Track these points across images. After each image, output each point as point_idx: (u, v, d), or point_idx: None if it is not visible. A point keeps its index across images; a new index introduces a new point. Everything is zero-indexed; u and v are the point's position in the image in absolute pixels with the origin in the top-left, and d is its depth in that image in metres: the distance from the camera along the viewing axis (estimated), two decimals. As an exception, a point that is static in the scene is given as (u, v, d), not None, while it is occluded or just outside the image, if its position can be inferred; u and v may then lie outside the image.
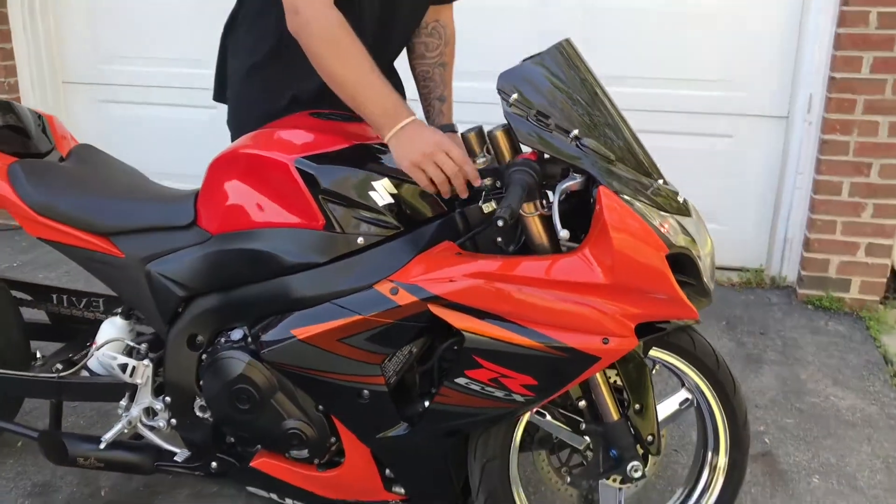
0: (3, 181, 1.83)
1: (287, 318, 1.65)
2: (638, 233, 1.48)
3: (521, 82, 1.53)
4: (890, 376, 2.76)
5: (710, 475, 1.84)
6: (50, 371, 1.98)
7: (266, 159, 1.66)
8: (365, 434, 1.70)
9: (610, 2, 3.34)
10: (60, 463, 1.91)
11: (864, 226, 3.14)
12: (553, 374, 1.55)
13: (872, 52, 2.96)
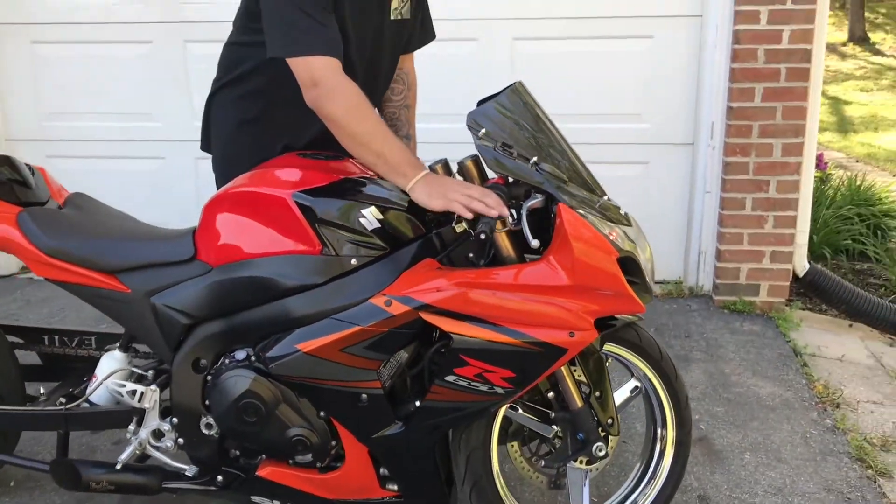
0: (13, 228, 1.98)
1: (290, 334, 1.85)
2: (593, 241, 1.76)
3: (486, 120, 1.81)
4: (800, 366, 3.13)
5: (661, 449, 2.11)
6: (54, 405, 2.11)
7: (265, 195, 1.88)
8: (364, 434, 1.90)
9: (536, 47, 3.70)
10: (73, 489, 2.04)
11: (767, 236, 3.54)
12: (528, 366, 1.80)
13: (762, 84, 3.39)
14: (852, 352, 3.32)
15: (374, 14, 2.04)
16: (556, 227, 1.77)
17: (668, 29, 3.62)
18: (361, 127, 1.82)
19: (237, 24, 2.14)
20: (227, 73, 2.17)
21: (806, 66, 3.35)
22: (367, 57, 2.06)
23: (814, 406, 2.83)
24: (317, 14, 1.84)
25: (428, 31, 2.30)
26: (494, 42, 3.71)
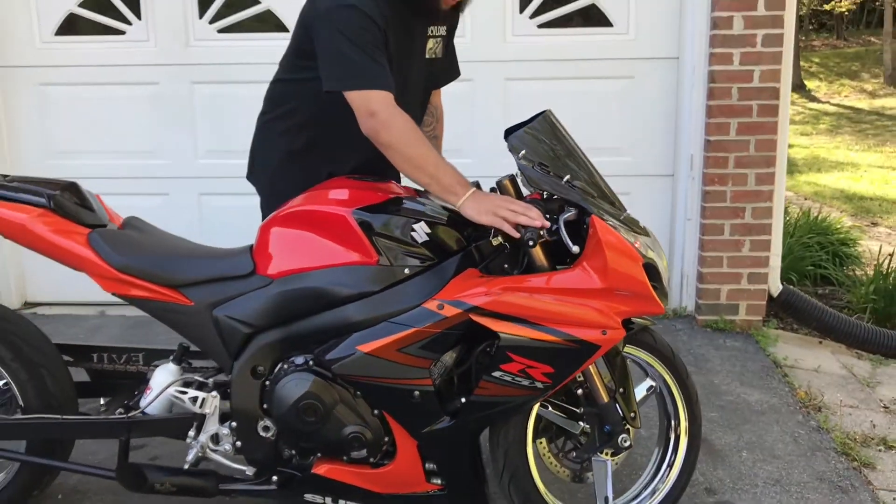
0: (86, 248, 2.13)
1: (349, 338, 2.03)
2: (622, 248, 1.99)
3: (523, 143, 2.05)
4: (782, 376, 3.39)
5: (675, 441, 2.33)
6: (112, 415, 2.25)
7: (325, 213, 2.07)
8: (415, 429, 2.08)
9: (526, 86, 3.98)
10: (139, 490, 2.16)
11: (744, 259, 3.83)
12: (566, 361, 2.00)
13: (737, 119, 3.70)
14: (826, 364, 3.60)
15: (414, 54, 2.27)
16: (590, 237, 1.99)
17: (647, 70, 3.94)
18: (416, 152, 2.04)
19: (284, 63, 2.34)
20: (275, 107, 2.36)
21: (775, 102, 3.68)
22: (404, 92, 2.29)
23: (798, 410, 3.09)
24: (373, 52, 2.06)
25: (454, 69, 2.53)
26: (488, 82, 3.98)
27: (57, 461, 2.31)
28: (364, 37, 2.05)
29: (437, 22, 2.29)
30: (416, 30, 2.24)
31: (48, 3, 4.02)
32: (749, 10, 3.60)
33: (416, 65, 2.29)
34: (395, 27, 2.13)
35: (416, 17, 2.21)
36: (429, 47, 2.32)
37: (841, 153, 13.75)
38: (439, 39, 2.35)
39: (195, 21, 4.01)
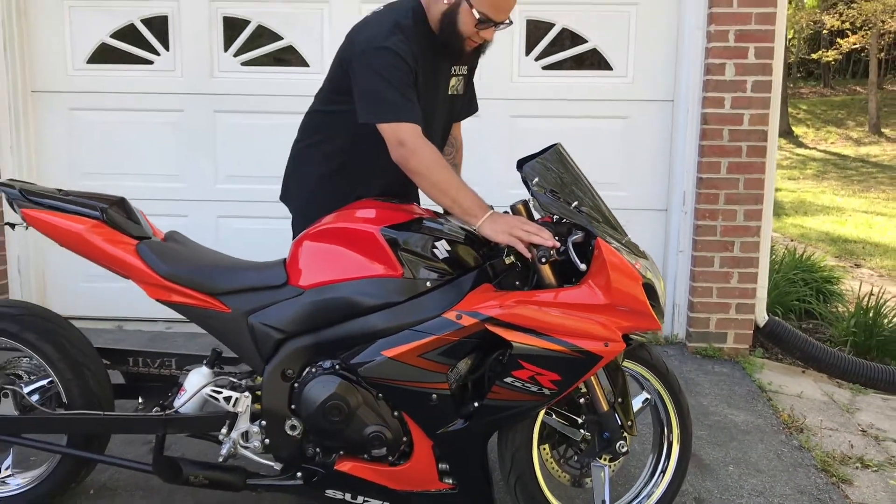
0: (135, 257, 2.34)
1: (374, 344, 2.23)
2: (624, 269, 2.20)
3: (536, 172, 2.27)
4: (766, 400, 3.59)
5: (668, 449, 2.52)
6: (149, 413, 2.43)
7: (355, 230, 2.28)
8: (431, 430, 2.27)
9: (531, 123, 4.24)
10: (174, 482, 2.33)
11: (732, 290, 4.05)
12: (571, 370, 2.20)
13: (727, 158, 3.96)
14: (808, 390, 3.81)
15: (439, 89, 2.50)
16: (595, 257, 2.20)
17: (644, 111, 4.21)
18: (440, 177, 2.26)
19: (321, 96, 2.57)
20: (310, 135, 2.59)
21: (763, 144, 3.93)
22: (429, 123, 2.52)
23: (781, 430, 3.29)
24: (404, 89, 2.29)
25: (473, 105, 2.77)
26: (496, 119, 4.22)
27: (94, 454, 2.48)
28: (396, 75, 2.29)
29: (459, 62, 2.54)
30: (441, 68, 2.48)
31: (82, 34, 4.27)
32: (740, 58, 3.88)
33: (440, 99, 2.52)
34: (424, 66, 2.37)
35: (442, 58, 2.45)
36: (451, 84, 2.56)
37: (827, 198, 14.11)
38: (461, 77, 2.58)
39: (220, 54, 4.26)
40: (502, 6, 2.33)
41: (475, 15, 2.31)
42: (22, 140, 4.27)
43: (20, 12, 4.21)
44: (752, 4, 3.84)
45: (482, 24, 2.33)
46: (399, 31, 2.33)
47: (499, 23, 2.36)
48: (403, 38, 2.31)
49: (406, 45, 2.31)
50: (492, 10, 2.31)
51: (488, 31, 2.38)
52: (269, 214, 4.27)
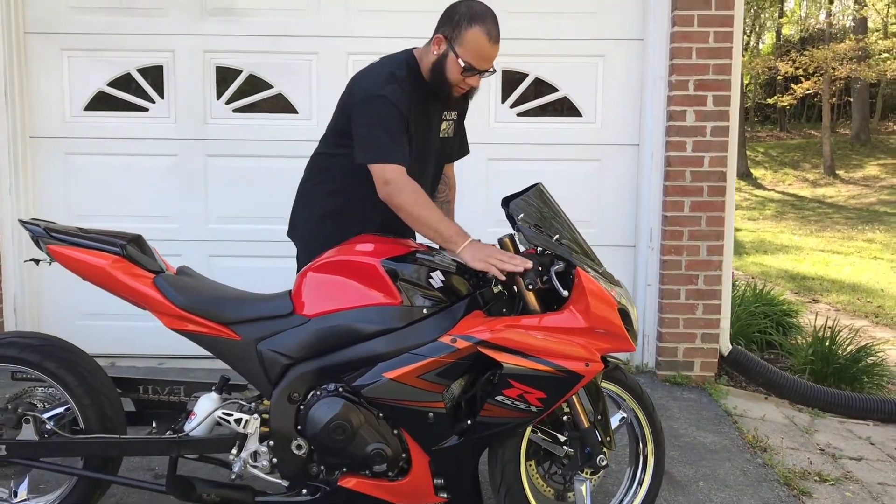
0: (153, 290, 2.52)
1: (375, 367, 2.43)
2: (602, 296, 2.44)
3: (521, 209, 2.51)
4: (732, 423, 3.84)
5: (643, 462, 2.74)
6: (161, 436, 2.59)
7: (357, 262, 2.50)
8: (428, 446, 2.46)
9: (507, 166, 4.52)
10: (187, 499, 2.49)
11: (698, 320, 4.32)
12: (556, 388, 2.42)
13: (690, 198, 4.26)
14: (771, 414, 4.06)
15: (431, 132, 2.76)
16: (575, 285, 2.44)
17: (612, 154, 4.51)
18: (422, 212, 2.51)
19: (325, 139, 2.81)
20: (314, 176, 2.82)
21: (722, 184, 4.24)
22: (420, 164, 2.76)
23: (747, 450, 3.53)
24: (395, 134, 2.55)
25: (465, 147, 3.04)
26: (473, 162, 4.43)
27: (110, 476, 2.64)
28: (389, 121, 2.55)
29: (450, 108, 2.80)
30: (433, 113, 2.74)
31: (80, 82, 4.48)
32: (699, 106, 4.20)
33: (432, 142, 2.78)
34: (416, 112, 2.63)
35: (434, 104, 2.72)
36: (443, 128, 2.82)
37: (785, 237, 14.60)
38: (451, 122, 2.85)
39: (213, 101, 4.49)
40: (484, 56, 2.59)
41: (461, 64, 2.58)
42: (20, 183, 4.44)
43: (20, 60, 4.41)
44: (709, 56, 4.17)
45: (467, 72, 2.59)
46: (394, 80, 2.59)
47: (483, 71, 2.62)
48: (398, 88, 2.57)
49: (400, 93, 2.56)
50: (475, 60, 2.58)
51: (473, 78, 2.64)
52: (259, 253, 4.49)
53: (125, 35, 4.44)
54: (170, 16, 4.44)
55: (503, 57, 4.44)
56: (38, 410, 2.61)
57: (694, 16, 4.15)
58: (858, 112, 26.75)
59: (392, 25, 4.37)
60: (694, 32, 4.16)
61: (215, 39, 4.45)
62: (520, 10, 4.44)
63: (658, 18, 4.31)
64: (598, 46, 4.45)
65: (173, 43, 4.44)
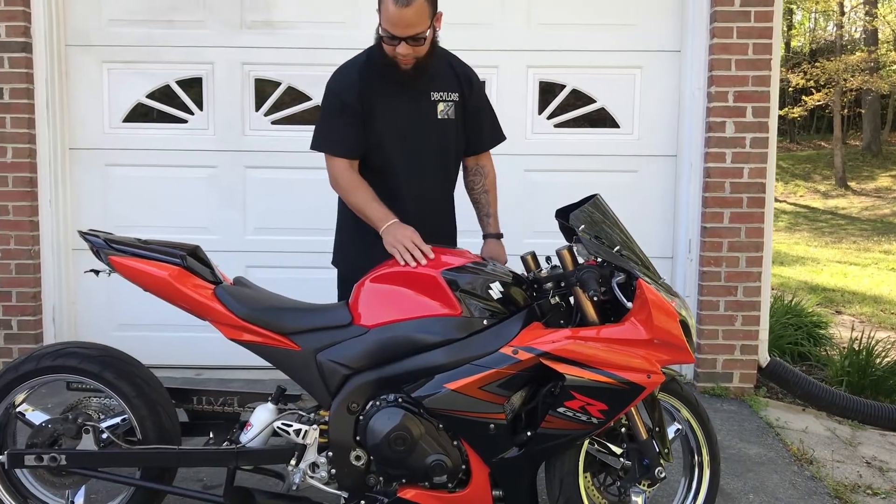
0: (213, 300, 2.52)
1: (434, 378, 2.43)
2: (664, 307, 2.44)
3: (581, 220, 2.51)
4: (775, 435, 3.82)
5: (699, 474, 2.73)
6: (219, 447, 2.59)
7: (417, 273, 2.50)
8: (489, 457, 2.46)
9: (544, 177, 4.52)
10: (246, 511, 2.50)
11: (737, 332, 4.31)
12: (617, 400, 2.41)
13: (729, 209, 4.25)
14: (812, 426, 4.04)
15: (420, 115, 2.78)
16: (637, 296, 2.44)
17: (649, 165, 4.51)
18: (353, 198, 2.75)
19: None
20: None
21: (762, 195, 4.24)
22: (411, 144, 2.79)
23: (793, 462, 3.51)
24: (332, 123, 2.76)
25: (496, 135, 3.02)
26: (510, 173, 4.48)
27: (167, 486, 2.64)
28: (328, 112, 2.78)
29: (437, 88, 2.80)
30: (413, 95, 2.76)
31: (119, 94, 4.51)
32: (739, 117, 4.20)
33: (426, 123, 2.80)
34: (382, 95, 2.73)
35: (415, 85, 2.74)
36: (440, 109, 2.82)
37: (801, 249, 14.55)
38: (450, 103, 2.83)
39: (252, 113, 4.52)
40: (394, 21, 2.55)
41: (380, 34, 2.64)
42: (60, 194, 4.47)
43: (62, 73, 4.45)
44: (748, 68, 4.18)
45: (389, 40, 2.61)
46: (342, 70, 2.78)
47: (402, 38, 2.58)
48: (340, 77, 2.76)
49: (343, 81, 2.74)
50: (389, 26, 2.58)
51: (398, 46, 2.60)
52: (296, 264, 4.50)
53: (164, 47, 4.47)
54: (209, 28, 4.47)
55: (540, 68, 4.51)
56: (95, 421, 2.61)
57: (733, 28, 4.16)
58: (869, 123, 26.69)
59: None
60: (733, 44, 4.17)
61: (254, 52, 4.48)
62: (557, 23, 4.47)
63: (696, 31, 4.32)
64: (636, 58, 4.46)
65: (212, 55, 4.47)
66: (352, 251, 2.92)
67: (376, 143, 2.78)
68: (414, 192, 2.82)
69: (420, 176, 2.84)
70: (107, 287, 4.45)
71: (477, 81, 2.90)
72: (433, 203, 2.89)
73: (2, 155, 4.33)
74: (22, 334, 4.43)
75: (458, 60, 2.90)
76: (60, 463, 2.51)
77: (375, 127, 2.76)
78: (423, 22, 2.57)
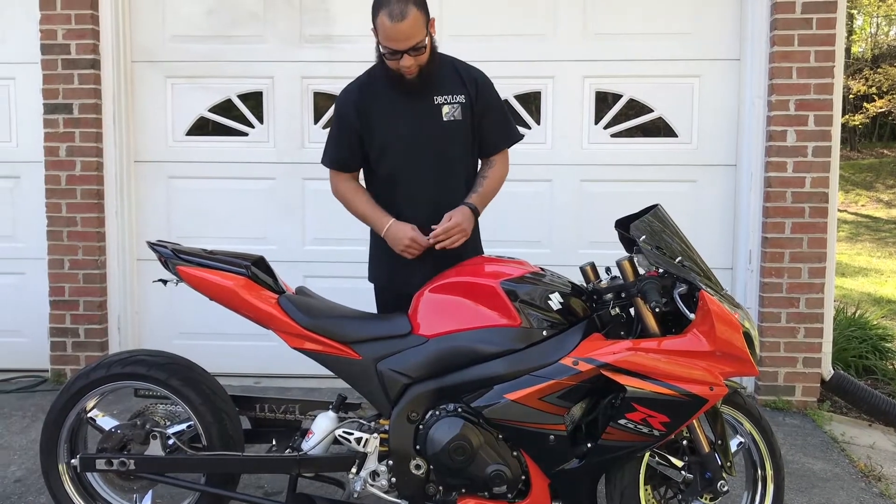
0: (277, 309, 2.57)
1: (494, 388, 2.44)
2: (727, 319, 2.40)
3: (642, 231, 2.49)
4: (840, 450, 3.73)
5: (763, 488, 2.68)
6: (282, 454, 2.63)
7: (476, 284, 2.52)
8: (549, 468, 2.45)
9: (600, 188, 4.50)
10: (309, 517, 2.54)
11: (799, 344, 4.22)
12: (679, 412, 2.39)
13: (791, 219, 4.18)
14: (880, 442, 3.94)
15: (424, 117, 2.79)
16: (699, 308, 2.41)
17: (708, 175, 4.46)
18: (353, 208, 2.92)
19: None
20: None
21: (824, 205, 4.15)
22: (414, 149, 2.79)
23: (860, 479, 3.42)
24: (333, 137, 2.91)
25: (509, 134, 2.95)
26: (566, 183, 4.49)
27: (231, 492, 2.69)
28: (333, 127, 2.92)
29: (441, 92, 2.80)
30: (415, 101, 2.79)
31: (182, 108, 4.64)
32: (800, 126, 4.13)
33: (428, 128, 2.79)
34: (381, 103, 2.80)
35: (419, 91, 2.77)
36: (445, 111, 2.81)
37: (863, 259, 14.15)
38: (456, 105, 2.82)
39: (310, 126, 4.60)
40: (391, 36, 2.60)
41: (381, 50, 2.69)
42: (125, 206, 4.61)
43: (128, 88, 4.59)
44: (810, 76, 4.11)
45: (390, 56, 2.66)
46: (346, 88, 2.89)
47: (403, 51, 2.62)
48: (343, 94, 2.89)
49: (342, 98, 2.87)
50: (387, 42, 2.63)
51: (402, 59, 2.65)
52: (353, 274, 4.51)
53: (226, 62, 4.58)
54: (269, 43, 4.57)
55: (596, 78, 4.49)
56: (162, 427, 2.68)
57: (794, 35, 4.09)
58: (935, 130, 25.89)
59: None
60: (794, 52, 4.10)
61: (312, 66, 4.56)
62: (613, 33, 4.45)
63: (755, 39, 4.27)
64: (694, 67, 4.42)
65: (272, 69, 4.56)
66: (385, 264, 2.94)
67: (380, 152, 2.83)
68: (425, 195, 2.81)
69: (429, 179, 2.83)
70: (169, 296, 4.57)
71: (484, 81, 2.88)
72: (449, 207, 2.81)
73: (71, 168, 4.48)
74: (88, 342, 4.56)
75: (463, 64, 2.90)
76: (129, 467, 2.58)
77: (377, 137, 2.81)
78: (420, 32, 2.63)
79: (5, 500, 3.12)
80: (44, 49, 4.45)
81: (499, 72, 3.12)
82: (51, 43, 4.44)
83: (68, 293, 4.54)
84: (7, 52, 4.63)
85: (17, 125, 4.66)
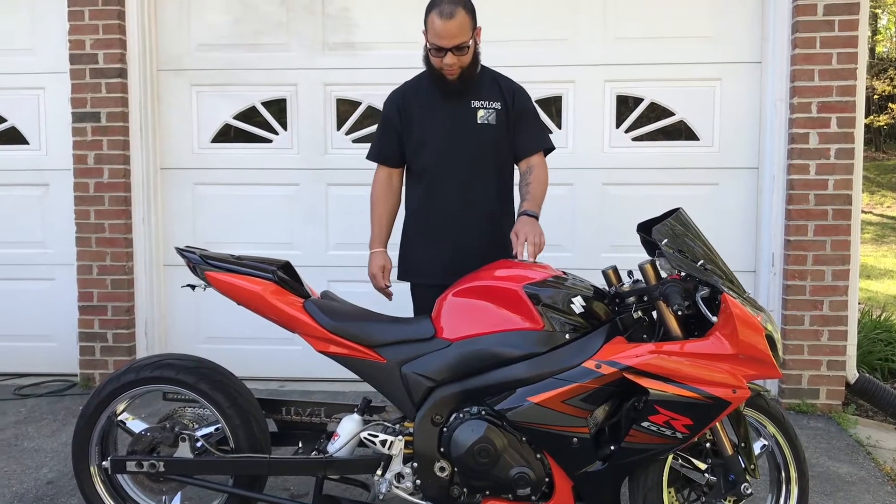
0: (303, 313, 2.62)
1: (517, 391, 2.46)
2: (750, 322, 2.41)
3: (664, 234, 2.50)
4: (866, 453, 3.71)
5: (787, 491, 2.68)
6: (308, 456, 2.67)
7: (499, 287, 2.54)
8: (572, 471, 2.47)
9: (623, 191, 4.51)
10: (336, 518, 2.57)
11: (823, 347, 4.20)
12: (702, 415, 2.40)
13: (814, 222, 4.17)
14: (905, 445, 3.91)
15: (460, 120, 2.94)
16: (721, 311, 2.42)
17: (730, 178, 4.46)
18: (371, 209, 3.14)
19: None
20: None
21: (848, 207, 4.14)
22: (446, 146, 2.95)
23: (886, 482, 3.40)
24: (378, 135, 3.10)
25: (541, 139, 3.07)
26: (587, 186, 4.51)
27: (258, 494, 2.73)
28: (382, 125, 3.08)
29: (478, 97, 2.95)
30: (453, 104, 2.95)
31: (208, 116, 4.71)
32: (823, 128, 4.12)
33: (462, 129, 2.95)
34: (421, 105, 2.97)
35: (460, 94, 2.93)
36: (479, 115, 2.95)
37: (889, 261, 14.01)
38: (491, 111, 2.95)
39: (334, 132, 4.65)
40: (439, 33, 2.76)
41: (428, 47, 2.83)
42: (152, 212, 4.68)
43: (154, 96, 4.67)
44: (832, 78, 4.10)
45: (435, 52, 2.80)
46: (396, 88, 3.07)
47: (448, 49, 2.77)
48: (392, 94, 3.08)
49: (391, 97, 3.06)
50: (434, 39, 2.78)
51: (444, 57, 2.80)
52: (375, 279, 4.57)
53: (250, 70, 4.65)
54: (292, 51, 4.63)
55: (617, 82, 4.51)
56: (191, 430, 2.72)
57: (816, 38, 4.09)
58: (961, 130, 25.57)
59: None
60: (816, 54, 4.09)
61: (335, 73, 4.62)
62: (634, 37, 4.47)
63: (777, 41, 4.26)
64: (715, 70, 4.43)
65: (296, 77, 4.62)
66: (416, 258, 3.09)
67: (416, 147, 2.99)
68: (454, 191, 2.96)
69: (459, 176, 2.97)
70: (195, 301, 4.64)
71: (522, 94, 3.03)
72: (477, 205, 2.99)
73: (99, 175, 4.57)
74: (116, 346, 4.63)
75: (503, 77, 3.05)
76: (159, 469, 2.62)
77: (415, 134, 2.98)
78: (466, 33, 2.79)
79: (38, 501, 3.19)
80: (72, 59, 4.54)
81: (520, 77, 3.14)
82: (79, 53, 4.53)
83: (97, 299, 4.62)
84: (36, 62, 4.74)
85: (47, 134, 4.76)
